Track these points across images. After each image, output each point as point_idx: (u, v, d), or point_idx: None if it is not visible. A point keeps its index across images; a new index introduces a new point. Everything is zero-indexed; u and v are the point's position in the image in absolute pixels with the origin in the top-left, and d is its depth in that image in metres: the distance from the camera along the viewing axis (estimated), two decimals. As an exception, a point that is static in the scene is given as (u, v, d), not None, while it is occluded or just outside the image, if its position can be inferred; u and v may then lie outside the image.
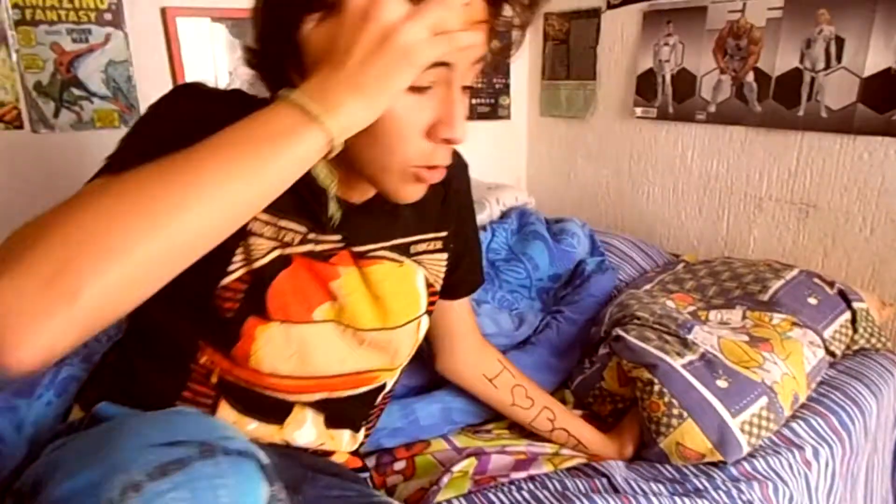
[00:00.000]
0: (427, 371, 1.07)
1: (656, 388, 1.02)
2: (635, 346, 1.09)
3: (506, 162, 2.24)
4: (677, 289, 1.38)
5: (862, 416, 1.14)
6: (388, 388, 0.84)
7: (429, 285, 0.79)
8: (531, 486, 0.93)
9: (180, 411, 0.56)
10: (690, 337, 1.11)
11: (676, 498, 0.91)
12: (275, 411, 0.71)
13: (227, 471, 0.42)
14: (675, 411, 1.00)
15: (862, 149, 1.39)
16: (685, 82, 1.68)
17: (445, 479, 0.93)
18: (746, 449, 1.00)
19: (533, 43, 2.12)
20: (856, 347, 1.29)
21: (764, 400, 1.03)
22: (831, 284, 1.31)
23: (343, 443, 0.81)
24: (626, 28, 1.81)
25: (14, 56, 1.40)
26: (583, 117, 2.00)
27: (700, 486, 0.95)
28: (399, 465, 1.00)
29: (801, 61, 1.45)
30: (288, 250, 0.64)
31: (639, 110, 1.81)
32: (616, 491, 0.92)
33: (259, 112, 0.48)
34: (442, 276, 0.82)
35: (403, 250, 0.75)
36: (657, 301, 1.27)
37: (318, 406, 0.74)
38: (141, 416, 0.51)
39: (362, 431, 0.84)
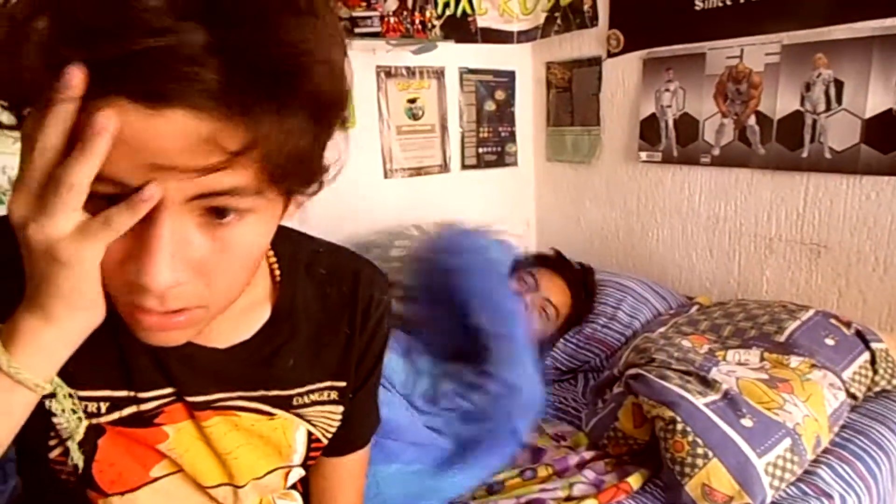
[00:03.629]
0: None
1: (679, 426, 1.00)
2: (656, 384, 1.07)
3: (514, 207, 2.26)
4: (692, 330, 1.36)
5: (888, 461, 1.11)
6: None
7: (313, 440, 0.65)
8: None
9: None
10: (710, 376, 1.09)
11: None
12: None
13: None
14: (700, 451, 0.97)
15: (869, 188, 1.40)
16: (688, 126, 1.71)
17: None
18: (769, 493, 0.97)
19: (537, 91, 2.17)
20: (877, 389, 1.26)
21: (788, 441, 1.00)
22: (848, 325, 1.30)
23: None
24: (626, 75, 1.86)
25: None
26: (589, 162, 2.03)
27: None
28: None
29: (802, 104, 1.47)
30: (96, 420, 0.53)
31: (643, 154, 1.83)
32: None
33: None
34: (333, 430, 0.66)
35: (281, 402, 0.60)
36: (673, 342, 1.26)
37: None
38: None
39: None
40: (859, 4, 1.36)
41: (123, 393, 0.53)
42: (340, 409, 0.65)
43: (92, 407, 0.53)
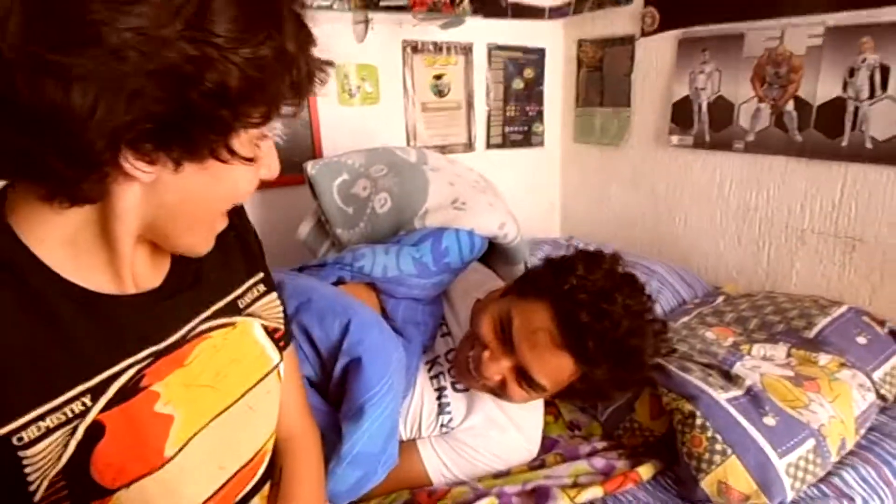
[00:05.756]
0: None
1: (698, 421, 0.97)
2: (676, 375, 1.05)
3: (539, 189, 2.22)
4: (716, 321, 1.33)
5: (916, 465, 1.07)
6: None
7: (272, 331, 0.71)
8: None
9: None
10: (733, 371, 1.06)
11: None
12: None
13: None
14: (719, 447, 0.95)
15: (909, 180, 1.34)
16: (722, 110, 1.65)
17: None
18: (790, 494, 0.94)
19: (567, 70, 2.11)
20: (908, 390, 1.22)
21: (811, 443, 0.97)
22: (882, 323, 1.25)
23: None
24: (660, 55, 1.80)
25: None
26: (617, 144, 1.98)
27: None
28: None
29: (844, 90, 1.41)
30: (90, 416, 0.52)
31: (674, 138, 1.78)
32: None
33: None
34: (282, 316, 0.74)
35: (233, 309, 0.67)
36: (696, 334, 1.23)
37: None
38: None
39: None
40: (912, -15, 1.28)
41: (97, 379, 0.53)
42: (275, 295, 0.74)
43: (76, 407, 0.51)
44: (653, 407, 1.08)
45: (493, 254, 1.34)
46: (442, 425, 1.10)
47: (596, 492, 0.97)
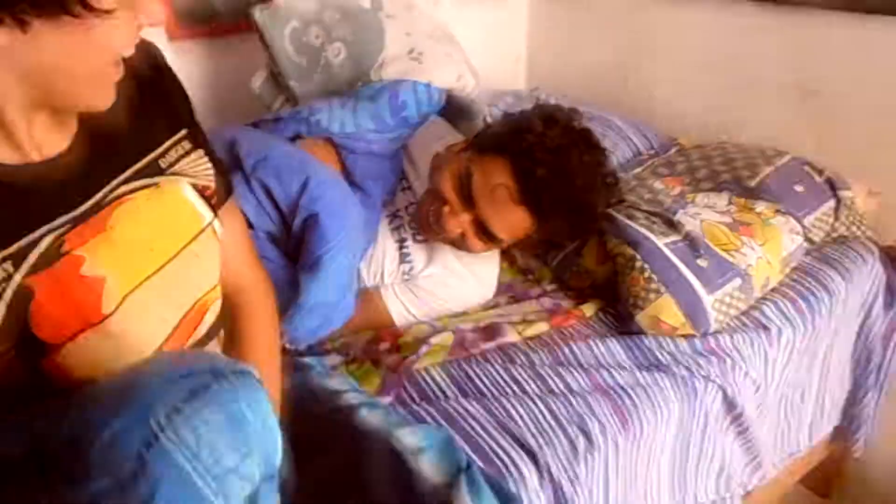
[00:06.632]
0: None
1: (638, 264, 1.05)
2: (621, 223, 1.11)
3: (503, 44, 2.14)
4: (668, 172, 1.38)
5: (829, 301, 1.19)
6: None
7: (202, 189, 0.71)
8: (501, 359, 0.99)
9: (180, 352, 0.65)
10: (676, 218, 1.13)
11: (638, 372, 0.97)
12: None
13: (237, 385, 0.51)
14: (654, 286, 1.04)
15: (872, 30, 1.33)
16: (696, -48, 1.57)
17: (424, 349, 0.99)
18: (714, 326, 1.05)
19: None
20: (835, 235, 1.31)
21: (738, 282, 1.07)
22: (820, 172, 1.31)
23: None
24: None
25: None
26: (585, -9, 1.89)
27: (664, 360, 1.01)
28: (384, 346, 1.06)
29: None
30: (14, 281, 0.54)
31: (644, -16, 1.71)
32: (581, 366, 0.97)
33: None
34: (212, 173, 0.74)
35: (154, 170, 0.67)
36: (645, 184, 1.28)
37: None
38: (152, 361, 0.57)
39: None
40: None
41: (14, 247, 0.55)
42: (201, 151, 0.73)
43: (1, 273, 0.54)
44: (599, 253, 1.16)
45: (451, 107, 1.33)
46: (404, 273, 1.17)
47: (542, 327, 1.07)
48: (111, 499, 0.45)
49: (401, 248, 1.18)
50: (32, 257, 0.55)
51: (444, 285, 1.16)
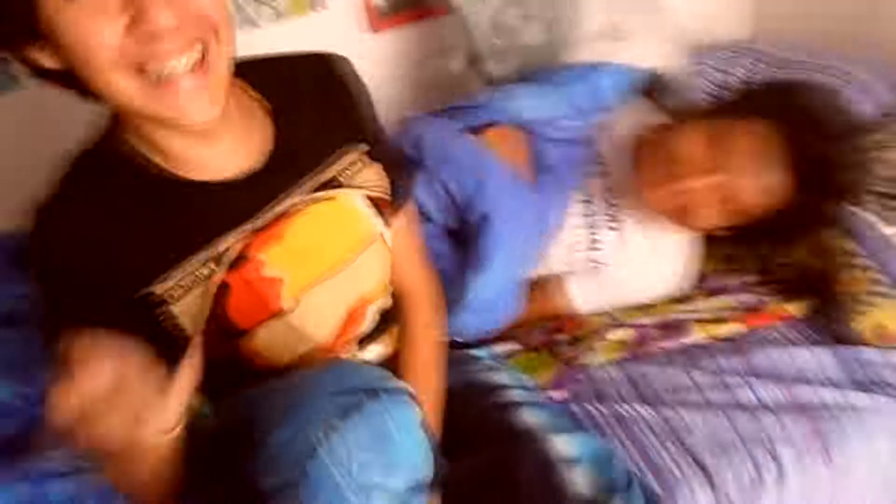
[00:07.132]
0: None
1: (859, 261, 0.91)
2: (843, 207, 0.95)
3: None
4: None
5: None
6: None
7: (376, 200, 0.76)
8: (684, 361, 0.92)
9: (342, 365, 0.72)
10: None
11: (850, 390, 0.83)
12: None
13: (389, 406, 0.57)
14: (879, 288, 0.89)
15: None
16: None
17: (601, 344, 0.97)
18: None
19: None
20: None
21: None
22: None
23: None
24: None
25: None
26: None
27: (886, 379, 0.86)
28: (562, 337, 1.05)
29: None
30: (217, 280, 0.66)
31: None
32: (779, 377, 0.87)
33: None
34: (386, 183, 0.78)
35: (332, 185, 0.73)
36: (885, 155, 1.05)
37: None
38: (314, 374, 0.64)
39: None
40: None
41: (214, 250, 0.66)
42: (380, 166, 0.77)
43: (205, 271, 0.66)
44: (815, 241, 1.00)
45: (653, 83, 1.24)
46: (592, 260, 1.14)
47: (735, 327, 0.97)
48: (286, 498, 0.55)
49: (591, 234, 1.15)
50: (227, 259, 0.67)
51: (635, 273, 1.11)
